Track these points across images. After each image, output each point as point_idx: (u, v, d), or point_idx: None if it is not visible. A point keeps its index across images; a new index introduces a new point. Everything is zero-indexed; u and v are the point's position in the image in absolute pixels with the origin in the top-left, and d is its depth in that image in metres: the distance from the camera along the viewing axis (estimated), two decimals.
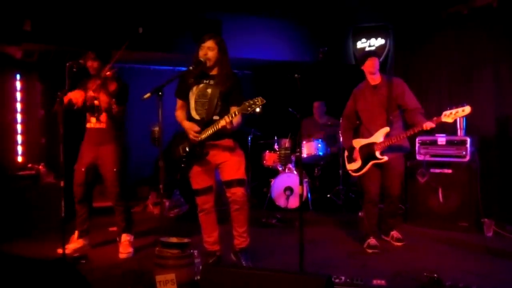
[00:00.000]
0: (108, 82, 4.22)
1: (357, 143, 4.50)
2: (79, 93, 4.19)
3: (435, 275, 3.23)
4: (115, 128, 4.31)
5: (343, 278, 3.25)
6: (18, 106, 6.14)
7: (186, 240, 3.20)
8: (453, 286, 3.16)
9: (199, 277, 2.96)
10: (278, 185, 6.27)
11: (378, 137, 4.33)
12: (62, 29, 5.53)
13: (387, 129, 4.30)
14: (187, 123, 3.70)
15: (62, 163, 3.80)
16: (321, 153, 6.43)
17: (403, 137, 4.24)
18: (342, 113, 4.73)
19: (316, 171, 6.67)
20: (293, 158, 6.54)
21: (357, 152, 4.45)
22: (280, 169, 6.52)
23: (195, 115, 3.69)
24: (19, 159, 6.07)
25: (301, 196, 3.40)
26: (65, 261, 3.70)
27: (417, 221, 5.30)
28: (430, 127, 4.02)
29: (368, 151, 4.37)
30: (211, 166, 3.76)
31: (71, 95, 4.15)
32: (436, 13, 6.08)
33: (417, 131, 4.15)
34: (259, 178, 7.08)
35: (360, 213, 5.70)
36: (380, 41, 7.03)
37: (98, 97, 4.17)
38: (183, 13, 6.24)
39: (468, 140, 5.08)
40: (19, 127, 6.13)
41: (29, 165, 5.61)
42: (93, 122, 4.28)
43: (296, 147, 6.56)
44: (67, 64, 3.92)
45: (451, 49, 5.98)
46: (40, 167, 5.44)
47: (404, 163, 4.55)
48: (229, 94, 3.64)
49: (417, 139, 5.34)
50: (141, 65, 7.26)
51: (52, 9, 5.47)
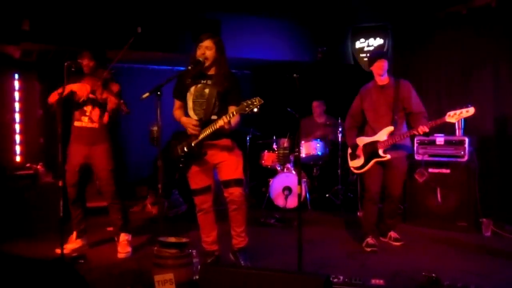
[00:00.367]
0: (109, 83, 4.23)
1: (361, 141, 4.52)
2: (84, 86, 4.15)
3: (433, 274, 3.23)
4: (107, 128, 4.31)
5: (341, 277, 3.24)
6: (17, 106, 6.14)
7: (184, 240, 3.19)
8: (452, 285, 3.17)
9: (197, 277, 2.96)
10: (277, 185, 6.27)
11: (382, 135, 4.35)
12: (60, 29, 5.52)
13: (391, 128, 4.32)
14: (184, 118, 3.71)
15: (60, 162, 3.81)
16: (319, 153, 6.43)
17: (406, 136, 4.29)
18: (341, 113, 4.74)
19: (314, 171, 6.67)
20: (291, 158, 6.54)
21: (361, 149, 4.47)
22: (278, 169, 6.52)
23: (193, 115, 3.69)
24: (17, 158, 6.07)
25: (299, 196, 3.40)
26: (63, 261, 3.69)
27: (415, 221, 5.30)
28: (423, 131, 4.09)
29: (371, 149, 4.39)
30: (209, 166, 3.76)
31: (74, 87, 4.12)
32: (435, 13, 6.08)
33: (412, 133, 4.23)
34: (257, 178, 7.08)
35: (359, 213, 5.71)
36: (379, 41, 7.03)
37: (105, 98, 4.17)
38: (182, 13, 6.23)
39: (467, 140, 5.09)
40: (17, 127, 6.13)
41: (27, 164, 5.60)
42: (84, 121, 4.24)
43: (294, 147, 6.56)
44: (65, 64, 3.92)
45: (450, 49, 5.99)
46: (38, 166, 5.43)
47: (406, 163, 4.56)
48: (227, 94, 3.64)
49: (415, 139, 5.34)
50: (140, 64, 7.26)
51: (51, 8, 5.46)
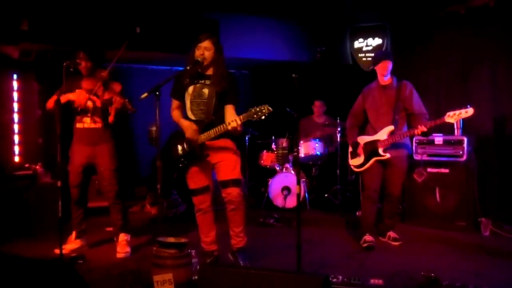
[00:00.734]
0: (110, 83, 4.23)
1: (362, 140, 4.55)
2: (82, 94, 4.15)
3: (432, 274, 3.23)
4: (110, 128, 4.31)
5: (340, 277, 3.24)
6: (15, 106, 6.12)
7: (183, 240, 3.19)
8: (451, 285, 3.17)
9: (196, 277, 2.96)
10: (276, 185, 6.27)
11: (382, 135, 4.37)
12: (59, 29, 5.51)
13: (391, 127, 4.34)
14: (185, 122, 3.69)
15: (59, 163, 3.79)
16: (318, 153, 6.43)
17: (406, 135, 4.33)
18: (340, 112, 4.75)
19: (313, 170, 6.67)
20: (290, 157, 6.54)
21: (361, 147, 4.49)
22: (277, 168, 6.52)
23: (191, 115, 3.69)
24: (16, 159, 6.05)
25: (298, 195, 3.40)
26: (62, 261, 3.69)
27: (414, 220, 5.31)
28: (421, 131, 4.13)
29: (371, 148, 4.42)
30: (208, 166, 3.76)
31: (72, 96, 4.13)
32: (433, 13, 6.09)
33: (411, 133, 4.27)
34: (256, 178, 7.07)
35: (358, 213, 5.71)
36: (378, 41, 7.04)
37: (109, 98, 4.16)
38: (180, 13, 6.23)
39: (465, 139, 5.09)
40: (16, 127, 6.11)
41: (26, 165, 5.59)
42: (87, 123, 4.25)
43: (293, 146, 6.56)
44: (64, 64, 3.92)
45: (448, 49, 5.99)
46: (37, 167, 5.42)
47: (406, 163, 4.57)
48: (224, 94, 3.64)
49: (414, 139, 5.35)
50: (139, 64, 7.25)
51: (49, 8, 5.44)
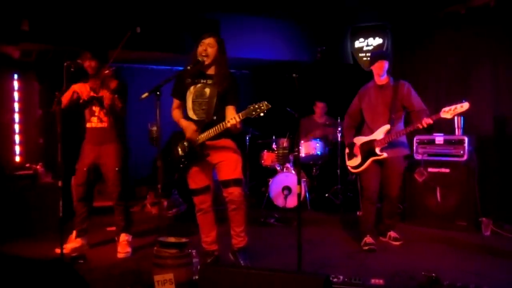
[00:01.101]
0: (108, 80, 4.23)
1: (358, 140, 4.53)
2: (83, 86, 4.20)
3: (433, 274, 3.23)
4: (117, 128, 4.32)
5: (341, 277, 3.24)
6: (16, 106, 6.12)
7: (184, 240, 3.19)
8: (451, 285, 3.17)
9: (197, 277, 2.96)
10: (276, 184, 6.27)
11: (379, 134, 4.36)
12: (60, 29, 5.51)
13: (387, 126, 4.32)
14: (184, 122, 3.69)
15: (60, 163, 3.79)
16: (319, 153, 6.43)
17: (402, 133, 4.29)
18: (340, 112, 4.74)
19: (314, 170, 6.67)
20: (291, 157, 6.54)
21: (358, 148, 4.48)
22: (278, 168, 6.52)
23: (192, 115, 3.68)
24: (17, 159, 6.05)
25: (299, 195, 3.40)
26: (63, 261, 3.69)
27: (415, 220, 5.30)
28: (427, 123, 4.04)
29: (368, 148, 4.40)
30: (208, 166, 3.76)
31: (75, 87, 4.17)
32: (434, 12, 6.08)
33: (414, 128, 4.17)
34: (257, 178, 7.08)
35: (358, 213, 5.71)
36: (378, 40, 7.03)
37: (101, 96, 4.17)
38: (181, 13, 6.23)
39: (466, 139, 5.09)
40: (17, 127, 6.11)
41: (27, 165, 5.59)
42: (94, 122, 4.28)
43: (294, 146, 6.56)
44: (65, 64, 3.92)
45: (449, 49, 5.99)
46: (38, 167, 5.42)
47: (404, 163, 4.56)
48: (226, 94, 3.63)
49: (415, 138, 5.35)
50: (139, 64, 7.26)
51: (50, 8, 5.45)
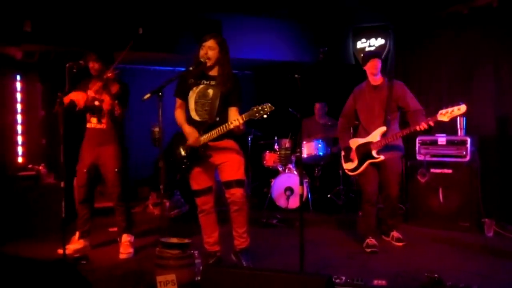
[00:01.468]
0: (110, 84, 4.23)
1: (354, 142, 4.49)
2: (80, 94, 4.18)
3: (436, 275, 3.23)
4: (116, 129, 4.32)
5: (343, 278, 3.24)
6: (19, 107, 6.13)
7: (186, 241, 3.20)
8: (454, 286, 3.16)
9: (199, 278, 2.96)
10: (279, 185, 6.27)
11: (375, 136, 4.32)
12: (62, 30, 5.53)
13: (383, 128, 4.29)
14: (187, 128, 3.65)
15: (62, 163, 3.80)
16: (321, 153, 6.42)
17: (399, 136, 4.23)
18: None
19: (316, 171, 6.67)
20: (293, 158, 6.53)
21: (354, 152, 4.44)
22: (280, 169, 6.52)
23: (195, 115, 3.68)
24: (19, 160, 6.06)
25: (301, 196, 3.40)
26: (65, 262, 3.69)
27: (417, 221, 5.30)
28: (424, 128, 3.99)
29: (364, 151, 4.36)
30: (211, 167, 3.76)
31: (72, 96, 4.16)
32: (436, 13, 6.08)
33: (412, 130, 4.10)
34: (259, 179, 7.08)
35: (360, 213, 5.71)
36: (380, 41, 7.02)
37: (101, 98, 4.17)
38: (183, 14, 6.24)
39: (469, 140, 5.08)
40: (19, 128, 6.12)
41: (29, 165, 5.60)
42: (93, 123, 4.29)
43: (296, 147, 6.56)
44: (67, 65, 3.93)
45: (451, 49, 5.98)
46: (40, 167, 5.44)
47: (401, 164, 4.54)
48: (229, 95, 3.63)
49: (417, 139, 5.34)
50: (141, 65, 7.27)
51: (52, 9, 5.46)
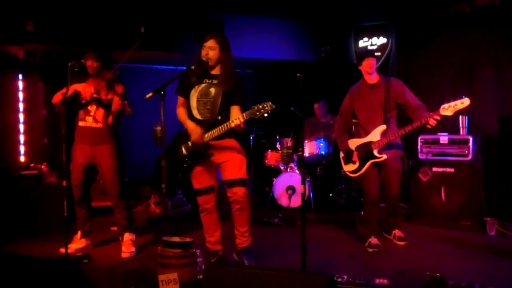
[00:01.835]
0: (114, 84, 4.24)
1: (353, 143, 4.45)
2: (88, 87, 4.15)
3: (438, 274, 3.22)
4: (112, 127, 4.31)
5: (345, 277, 3.24)
6: (21, 106, 6.15)
7: (188, 240, 3.20)
8: (456, 285, 3.16)
9: (201, 277, 2.96)
10: (280, 184, 6.27)
11: (375, 135, 4.29)
12: (64, 29, 5.54)
13: (383, 127, 4.27)
14: (191, 124, 3.66)
15: (64, 162, 3.81)
16: (323, 152, 6.42)
17: (402, 133, 4.15)
18: None
19: (318, 170, 6.66)
20: (295, 157, 6.53)
21: (356, 155, 4.39)
22: (282, 168, 6.51)
23: (196, 114, 3.68)
24: (21, 158, 6.08)
25: (303, 195, 3.39)
26: (67, 261, 3.70)
27: (419, 220, 5.29)
28: (433, 124, 3.91)
29: (365, 151, 4.33)
30: (212, 166, 3.76)
31: (78, 87, 4.13)
32: (438, 11, 6.07)
33: (416, 126, 4.03)
34: (261, 178, 7.08)
35: (362, 212, 5.70)
36: (382, 40, 7.01)
37: (108, 98, 4.17)
38: (184, 13, 6.24)
39: (471, 138, 5.07)
40: (21, 127, 6.13)
41: (31, 164, 5.61)
42: (89, 121, 4.25)
43: (298, 146, 6.55)
44: (69, 64, 3.93)
45: (453, 48, 5.97)
46: (42, 166, 5.45)
47: (401, 162, 4.53)
48: (231, 93, 3.63)
49: (419, 138, 5.33)
50: (143, 64, 7.27)
51: (54, 9, 5.47)
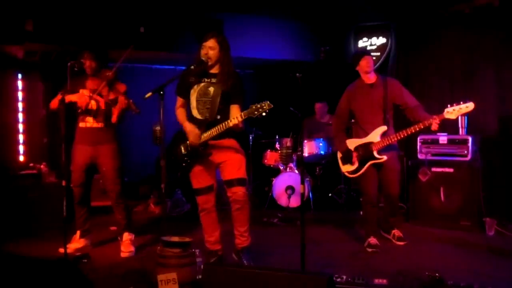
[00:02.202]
0: (115, 83, 4.24)
1: (352, 143, 4.44)
2: (83, 96, 4.14)
3: (437, 274, 3.22)
4: (113, 127, 4.32)
5: (344, 277, 3.24)
6: (20, 106, 6.15)
7: (187, 239, 3.20)
8: (455, 285, 3.16)
9: (200, 277, 2.96)
10: (280, 184, 6.27)
11: (375, 136, 4.28)
12: (64, 29, 5.54)
13: (384, 128, 4.25)
14: (188, 126, 3.66)
15: (63, 162, 3.81)
16: (322, 152, 6.42)
17: (405, 134, 4.13)
18: None
19: (317, 170, 6.66)
20: (294, 157, 6.53)
21: (355, 155, 4.38)
22: (281, 168, 6.51)
23: (196, 114, 3.68)
24: (21, 158, 6.08)
25: (302, 195, 3.40)
26: (67, 261, 3.70)
27: (418, 220, 5.29)
28: (436, 127, 3.93)
29: (365, 152, 4.32)
30: (212, 165, 3.76)
31: (74, 98, 4.13)
32: (438, 12, 6.07)
33: (420, 128, 4.05)
34: (260, 177, 7.08)
35: (361, 212, 5.70)
36: (382, 40, 7.01)
37: (109, 98, 4.17)
38: (184, 13, 6.24)
39: (470, 139, 5.07)
40: (21, 127, 6.14)
41: (31, 164, 5.62)
42: (89, 122, 4.25)
43: (297, 146, 6.56)
44: (68, 64, 3.94)
45: (453, 48, 5.97)
46: (42, 166, 5.45)
47: (399, 162, 4.53)
48: (230, 93, 3.63)
49: (418, 138, 5.33)
50: (143, 64, 7.27)
51: (54, 9, 5.48)
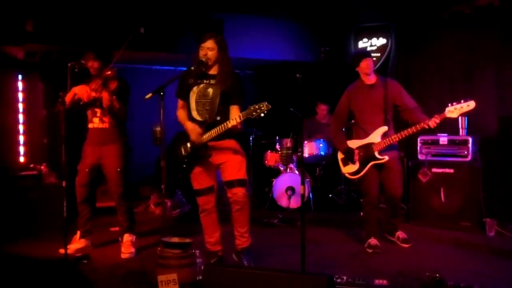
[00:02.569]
0: (109, 81, 4.24)
1: (352, 144, 4.43)
2: (84, 88, 4.18)
3: (437, 274, 3.22)
4: (118, 128, 4.32)
5: (345, 278, 3.24)
6: (20, 107, 6.15)
7: (188, 240, 3.20)
8: (455, 285, 3.16)
9: (201, 277, 2.96)
10: (280, 185, 6.26)
11: (376, 137, 4.28)
12: (64, 30, 5.54)
13: (385, 128, 4.25)
14: (189, 125, 3.68)
15: (64, 163, 3.81)
16: (322, 153, 6.41)
17: (405, 135, 4.15)
18: None
19: (317, 171, 6.66)
20: (294, 158, 6.53)
21: (357, 154, 4.38)
22: (281, 169, 6.51)
23: (196, 115, 3.69)
24: (21, 159, 6.08)
25: (302, 196, 3.40)
26: (67, 261, 3.70)
27: (419, 220, 5.28)
28: (434, 125, 3.95)
29: (366, 152, 4.32)
30: (212, 166, 3.76)
31: (76, 89, 4.15)
32: (438, 12, 6.07)
33: (420, 128, 4.07)
34: (260, 178, 7.07)
35: (362, 213, 5.70)
36: (382, 40, 7.01)
37: (101, 96, 4.17)
38: (184, 13, 6.24)
39: (470, 139, 5.06)
40: (21, 128, 6.14)
41: (31, 165, 5.62)
42: (96, 123, 4.29)
43: (297, 147, 6.55)
44: (68, 65, 3.94)
45: (453, 49, 5.97)
46: (42, 167, 5.45)
47: (401, 162, 4.52)
48: (229, 93, 3.63)
49: (418, 139, 5.32)
50: (143, 65, 7.28)
51: (54, 9, 5.48)
